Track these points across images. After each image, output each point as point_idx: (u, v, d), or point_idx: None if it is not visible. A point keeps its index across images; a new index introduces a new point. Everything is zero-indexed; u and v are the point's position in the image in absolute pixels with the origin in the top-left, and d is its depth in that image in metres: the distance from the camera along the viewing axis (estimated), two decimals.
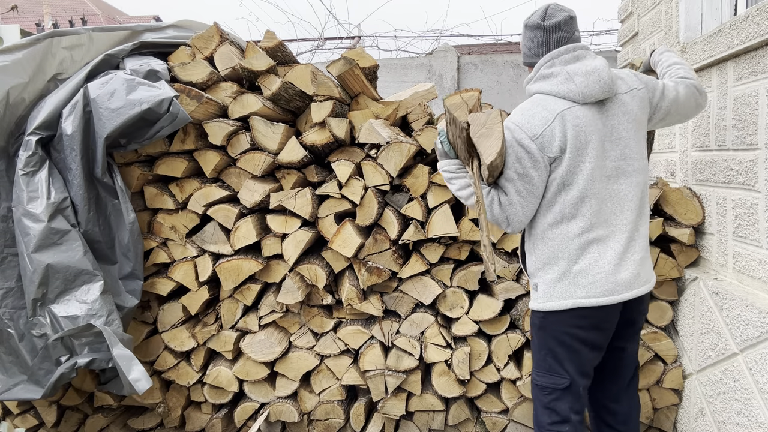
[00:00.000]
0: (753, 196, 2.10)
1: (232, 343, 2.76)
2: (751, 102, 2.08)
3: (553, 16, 1.83)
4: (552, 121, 1.75)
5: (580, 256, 1.80)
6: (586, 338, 1.85)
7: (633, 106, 1.84)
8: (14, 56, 2.37)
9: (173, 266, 2.68)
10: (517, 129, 1.78)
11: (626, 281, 1.81)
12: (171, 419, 2.90)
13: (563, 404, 1.87)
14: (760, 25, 1.96)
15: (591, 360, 1.91)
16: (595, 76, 1.76)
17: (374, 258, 2.64)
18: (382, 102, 2.74)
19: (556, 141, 1.74)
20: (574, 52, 1.81)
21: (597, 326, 1.85)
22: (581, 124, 1.75)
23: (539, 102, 1.82)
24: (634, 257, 1.83)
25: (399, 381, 2.70)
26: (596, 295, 1.79)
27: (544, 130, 1.75)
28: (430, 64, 6.28)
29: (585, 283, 1.79)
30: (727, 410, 2.20)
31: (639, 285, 1.85)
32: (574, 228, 1.79)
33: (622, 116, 1.82)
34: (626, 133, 1.82)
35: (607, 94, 1.78)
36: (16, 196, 2.35)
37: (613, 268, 1.79)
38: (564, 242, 1.81)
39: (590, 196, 1.77)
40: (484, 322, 2.69)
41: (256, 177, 2.64)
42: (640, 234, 1.86)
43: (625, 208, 1.82)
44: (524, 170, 1.76)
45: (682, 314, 2.61)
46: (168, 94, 2.37)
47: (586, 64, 1.78)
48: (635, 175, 1.84)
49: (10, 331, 2.40)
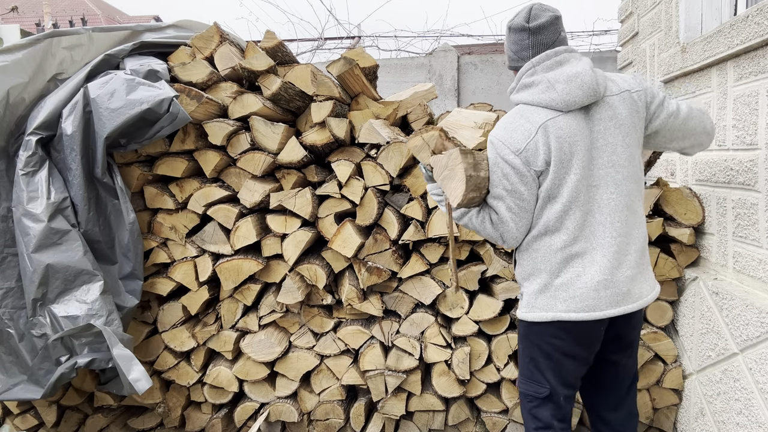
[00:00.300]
0: (753, 196, 2.10)
1: (232, 343, 2.76)
2: (751, 102, 2.08)
3: (538, 17, 1.74)
4: (535, 134, 1.68)
5: (562, 270, 1.75)
6: (568, 351, 1.81)
7: (622, 109, 1.74)
8: (14, 56, 2.37)
9: (173, 266, 2.68)
10: (500, 144, 1.72)
11: (611, 298, 1.74)
12: (171, 419, 2.90)
13: (545, 411, 1.86)
14: (760, 25, 1.96)
15: (573, 371, 1.86)
16: (577, 82, 1.67)
17: (374, 258, 2.65)
18: (382, 102, 2.74)
19: (541, 154, 1.68)
20: (556, 57, 1.73)
21: (578, 340, 1.81)
22: (564, 135, 1.68)
23: (522, 114, 1.75)
24: (625, 273, 1.75)
25: (399, 381, 2.70)
26: (576, 310, 1.74)
27: (527, 143, 1.68)
28: (430, 64, 6.28)
29: (566, 297, 1.75)
30: (727, 410, 2.20)
31: (628, 302, 1.76)
32: (557, 241, 1.74)
33: (608, 121, 1.73)
34: (613, 138, 1.73)
35: (592, 99, 1.69)
36: (16, 196, 2.35)
37: (597, 283, 1.72)
38: (547, 255, 1.76)
39: (575, 208, 1.71)
40: (484, 322, 2.69)
41: (256, 177, 2.64)
42: (633, 247, 1.77)
43: (615, 219, 1.73)
44: (512, 186, 1.71)
45: (682, 314, 2.61)
46: (168, 94, 2.37)
47: (569, 69, 1.70)
48: (625, 184, 1.74)
49: (10, 331, 2.40)
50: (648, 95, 1.82)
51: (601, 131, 1.73)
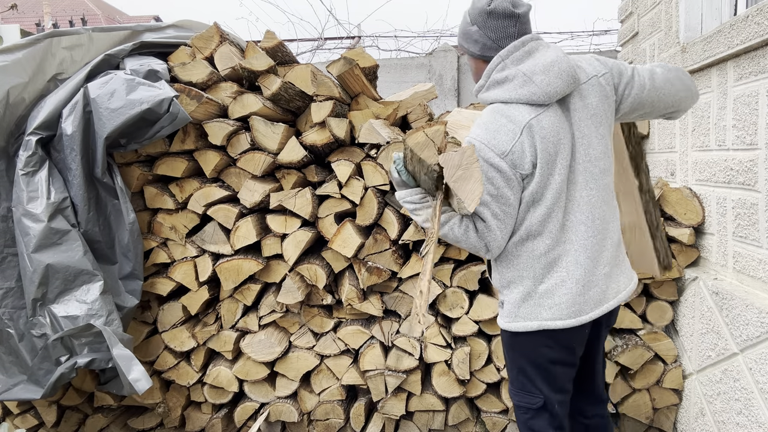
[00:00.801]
0: (753, 196, 2.10)
1: (232, 343, 2.76)
2: (751, 102, 2.08)
3: (521, 4, 1.63)
4: (520, 135, 1.56)
5: (546, 276, 1.66)
6: (556, 358, 1.74)
7: (592, 98, 1.64)
8: (14, 56, 2.37)
9: (173, 266, 2.68)
10: (483, 147, 1.57)
11: (594, 299, 1.68)
12: (171, 419, 2.90)
13: (541, 422, 1.79)
14: (760, 25, 1.95)
15: (564, 376, 1.79)
16: (555, 70, 1.56)
17: (374, 258, 2.65)
18: (382, 102, 2.74)
19: (527, 157, 1.57)
20: (524, 47, 1.60)
21: (566, 346, 1.74)
22: (548, 135, 1.57)
23: (501, 112, 1.61)
24: (603, 270, 1.69)
25: (399, 381, 2.70)
26: (562, 317, 1.66)
27: (513, 145, 1.56)
28: (430, 64, 6.29)
29: (551, 305, 1.66)
30: (727, 410, 2.20)
31: (608, 299, 1.71)
32: (539, 246, 1.64)
33: (582, 111, 1.63)
34: (588, 130, 1.63)
35: (572, 87, 1.59)
36: (16, 196, 2.35)
37: (581, 288, 1.65)
38: (529, 261, 1.66)
39: (557, 210, 1.62)
40: (484, 322, 2.69)
41: (256, 177, 2.64)
42: (609, 242, 1.70)
43: (594, 216, 1.66)
44: (498, 191, 1.58)
45: (682, 314, 2.61)
46: (168, 94, 2.37)
47: (542, 58, 1.58)
48: (601, 178, 1.67)
49: (10, 331, 2.40)
50: (615, 76, 1.70)
51: (576, 122, 1.63)
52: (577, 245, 1.65)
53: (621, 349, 2.62)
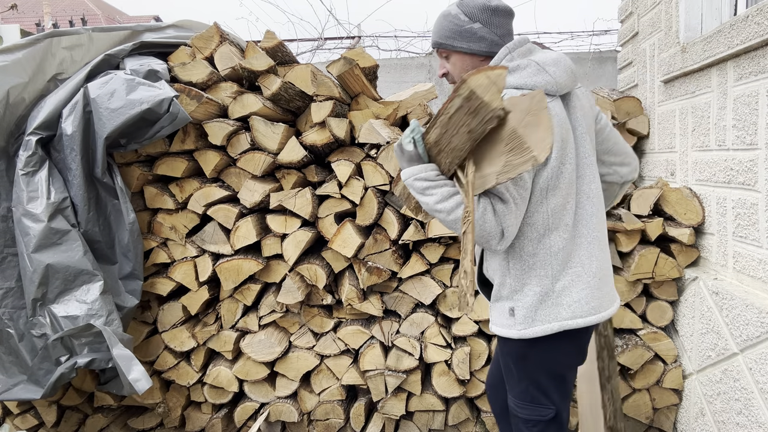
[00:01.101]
0: (753, 196, 2.10)
1: (232, 343, 2.76)
2: (751, 102, 2.08)
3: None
4: None
5: (563, 272, 1.59)
6: (572, 362, 1.69)
7: (585, 101, 1.70)
8: (14, 56, 2.37)
9: (173, 266, 2.68)
10: None
11: (609, 295, 1.66)
12: (171, 419, 2.90)
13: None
14: (760, 25, 1.95)
15: (572, 381, 1.75)
16: (562, 65, 1.59)
17: (374, 258, 2.65)
18: (382, 102, 2.74)
19: None
20: (525, 45, 1.64)
21: (581, 348, 1.69)
22: (560, 122, 1.55)
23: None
24: (610, 265, 1.68)
25: (399, 381, 2.70)
26: (583, 315, 1.58)
27: None
28: (430, 64, 6.28)
29: (569, 303, 1.58)
30: (727, 410, 2.21)
31: (615, 300, 1.69)
32: (557, 241, 1.57)
33: (579, 110, 1.66)
34: (583, 129, 1.67)
35: (574, 85, 1.63)
36: (16, 196, 2.35)
37: (598, 281, 1.61)
38: (547, 258, 1.58)
39: (570, 200, 1.59)
40: (484, 322, 2.69)
41: (256, 177, 2.64)
42: (607, 243, 1.71)
43: (599, 209, 1.66)
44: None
45: (682, 314, 2.61)
46: (168, 94, 2.37)
47: (545, 54, 1.62)
48: (597, 173, 1.70)
49: (10, 331, 2.40)
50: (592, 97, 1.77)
51: (575, 120, 1.65)
52: (590, 238, 1.62)
53: (621, 349, 2.62)
